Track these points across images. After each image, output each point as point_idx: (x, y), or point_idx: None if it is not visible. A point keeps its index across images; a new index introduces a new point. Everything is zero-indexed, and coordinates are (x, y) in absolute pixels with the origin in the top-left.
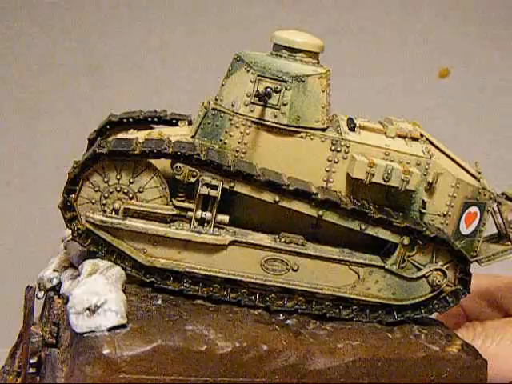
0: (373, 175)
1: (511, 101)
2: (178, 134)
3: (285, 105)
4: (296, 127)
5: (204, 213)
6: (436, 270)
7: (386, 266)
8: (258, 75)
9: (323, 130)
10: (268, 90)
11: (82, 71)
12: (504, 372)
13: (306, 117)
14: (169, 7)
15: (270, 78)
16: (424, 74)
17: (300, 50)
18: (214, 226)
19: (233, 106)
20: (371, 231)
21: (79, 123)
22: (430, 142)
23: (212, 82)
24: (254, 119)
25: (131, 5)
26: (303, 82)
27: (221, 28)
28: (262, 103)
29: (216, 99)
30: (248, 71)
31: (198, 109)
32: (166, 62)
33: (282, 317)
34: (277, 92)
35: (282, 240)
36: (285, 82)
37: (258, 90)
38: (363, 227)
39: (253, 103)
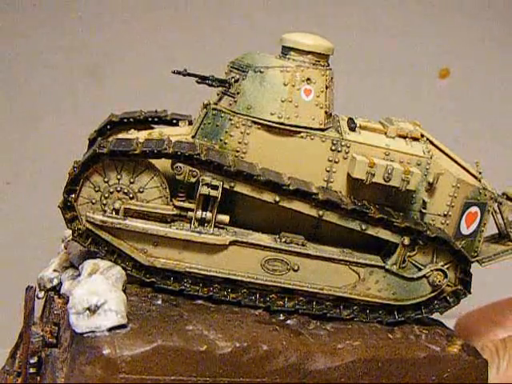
0: (373, 175)
1: (511, 100)
2: (179, 134)
3: (238, 93)
4: (245, 116)
5: (204, 213)
6: (436, 270)
7: (387, 266)
8: (231, 66)
9: (281, 124)
10: (232, 79)
11: (82, 71)
12: None
13: (259, 108)
14: (169, 7)
15: (236, 69)
16: (424, 74)
17: (291, 49)
18: (215, 226)
19: (212, 99)
20: (371, 231)
21: (79, 123)
22: (431, 142)
23: None
24: (215, 105)
25: (132, 4)
26: (261, 72)
27: (221, 28)
28: (214, 87)
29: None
30: (228, 66)
31: (199, 109)
32: (167, 62)
33: (282, 317)
34: (236, 81)
35: (283, 240)
36: (244, 72)
37: (196, 74)
38: (364, 227)
39: (223, 93)
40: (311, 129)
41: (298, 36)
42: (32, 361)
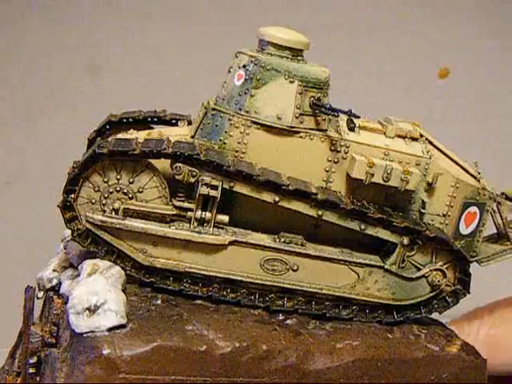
0: (372, 175)
1: (511, 100)
2: (178, 134)
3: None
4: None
5: (204, 213)
6: (436, 269)
7: (386, 266)
8: (304, 86)
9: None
10: (327, 104)
11: (82, 71)
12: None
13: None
14: (169, 6)
15: (312, 87)
16: (424, 74)
17: (269, 43)
18: (214, 226)
19: (279, 119)
20: (371, 231)
21: (79, 123)
22: (430, 142)
23: (212, 81)
24: (304, 129)
25: (131, 4)
26: (328, 85)
27: (221, 27)
28: (317, 112)
29: (216, 100)
30: (292, 82)
31: (198, 109)
32: (166, 62)
33: (281, 317)
34: (320, 100)
35: (282, 240)
36: (321, 89)
37: (313, 101)
38: (363, 227)
39: (302, 114)
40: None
41: (275, 30)
42: (31, 361)
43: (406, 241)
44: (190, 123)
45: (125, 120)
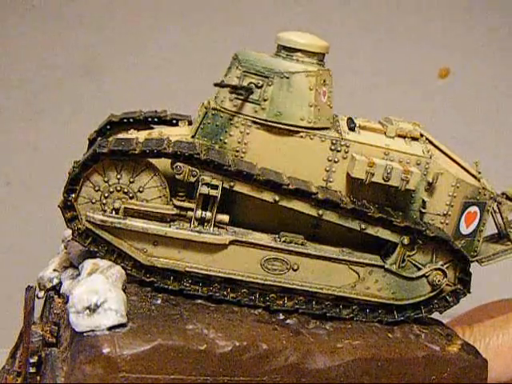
0: (372, 175)
1: (511, 100)
2: (178, 134)
3: (265, 100)
4: (275, 123)
5: (204, 212)
6: (436, 269)
7: (386, 266)
8: (244, 71)
9: (311, 128)
10: (250, 84)
11: (81, 71)
12: (490, 377)
13: (289, 114)
14: (168, 6)
15: (254, 74)
16: (424, 74)
17: (297, 50)
18: (214, 226)
19: (222, 102)
20: (371, 231)
21: (79, 123)
22: (430, 142)
23: (212, 81)
24: (236, 113)
25: (131, 4)
26: (287, 78)
27: (221, 28)
28: (241, 97)
29: (216, 97)
30: (237, 68)
31: (198, 109)
32: (166, 62)
33: (281, 316)
34: (258, 87)
35: (282, 239)
36: (267, 77)
37: (234, 84)
38: (363, 227)
39: (236, 98)
40: (317, 129)
41: (294, 35)
42: (32, 360)
43: (406, 240)
44: (190, 123)
45: (125, 120)
